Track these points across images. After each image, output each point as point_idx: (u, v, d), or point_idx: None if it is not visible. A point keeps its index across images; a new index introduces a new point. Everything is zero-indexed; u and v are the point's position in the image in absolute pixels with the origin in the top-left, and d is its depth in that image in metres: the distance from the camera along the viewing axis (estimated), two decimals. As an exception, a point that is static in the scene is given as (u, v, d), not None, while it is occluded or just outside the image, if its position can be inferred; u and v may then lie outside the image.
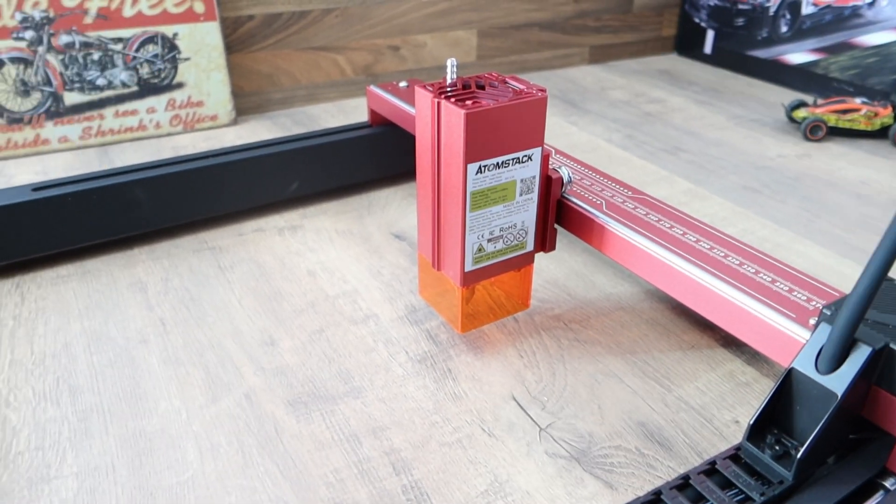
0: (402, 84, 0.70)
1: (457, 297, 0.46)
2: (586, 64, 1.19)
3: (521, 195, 0.44)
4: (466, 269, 0.44)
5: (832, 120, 0.85)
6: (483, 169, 0.41)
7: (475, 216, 0.43)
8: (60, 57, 0.77)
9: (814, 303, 0.38)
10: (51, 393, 0.44)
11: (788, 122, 0.91)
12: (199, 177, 0.61)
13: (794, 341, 0.36)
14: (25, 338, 0.49)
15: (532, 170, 0.44)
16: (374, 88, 0.69)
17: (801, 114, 0.87)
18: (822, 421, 0.31)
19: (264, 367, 0.46)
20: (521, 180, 0.43)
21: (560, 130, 0.89)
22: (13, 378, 0.45)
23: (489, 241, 0.44)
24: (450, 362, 0.47)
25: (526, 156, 0.43)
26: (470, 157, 0.40)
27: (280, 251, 0.60)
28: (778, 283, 0.40)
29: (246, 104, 0.93)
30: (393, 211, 0.68)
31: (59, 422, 0.42)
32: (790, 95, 1.04)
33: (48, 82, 0.78)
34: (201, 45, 0.83)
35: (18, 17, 0.74)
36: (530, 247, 0.47)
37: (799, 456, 0.31)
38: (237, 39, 0.89)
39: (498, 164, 0.42)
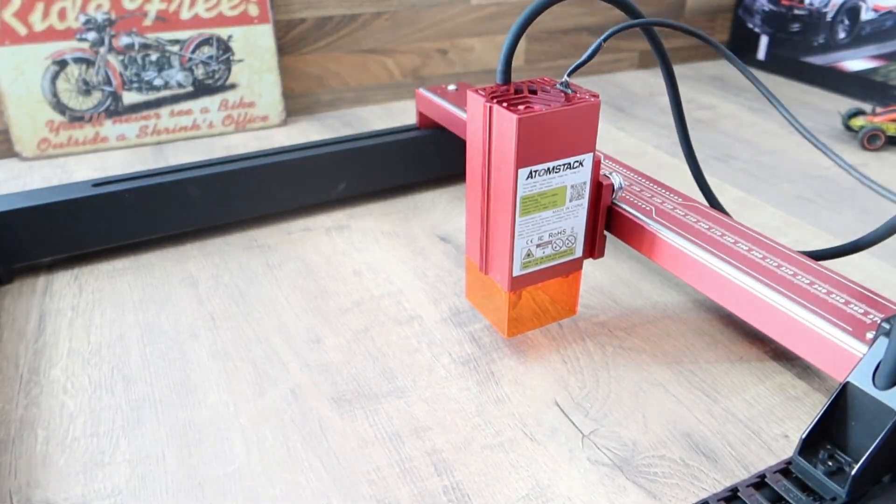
0: (452, 87, 0.70)
1: (503, 302, 0.46)
2: (635, 69, 1.18)
3: (570, 201, 0.44)
4: (514, 274, 0.44)
5: (891, 129, 0.83)
6: (534, 174, 0.41)
7: (524, 221, 0.43)
8: (120, 58, 0.80)
9: (871, 316, 0.37)
10: (106, 382, 0.45)
11: (845, 130, 0.89)
12: (250, 176, 0.62)
13: (850, 355, 0.35)
14: (83, 328, 0.51)
15: (583, 176, 0.43)
16: (423, 91, 0.70)
17: (858, 122, 0.85)
18: (879, 438, 0.30)
19: (310, 363, 0.47)
20: (572, 186, 0.43)
21: (608, 136, 0.88)
22: (71, 366, 0.47)
23: (538, 246, 0.44)
24: (493, 365, 0.47)
25: (577, 161, 0.43)
26: (521, 161, 0.40)
27: (327, 251, 0.61)
28: (833, 296, 0.39)
29: (296, 105, 0.94)
30: (438, 213, 0.68)
31: (114, 410, 0.43)
32: (847, 103, 1.01)
33: (108, 82, 0.80)
34: (254, 47, 0.85)
35: (82, 18, 0.77)
36: (579, 253, 0.47)
37: (853, 473, 0.30)
38: (289, 42, 0.90)
39: (549, 169, 0.42)
